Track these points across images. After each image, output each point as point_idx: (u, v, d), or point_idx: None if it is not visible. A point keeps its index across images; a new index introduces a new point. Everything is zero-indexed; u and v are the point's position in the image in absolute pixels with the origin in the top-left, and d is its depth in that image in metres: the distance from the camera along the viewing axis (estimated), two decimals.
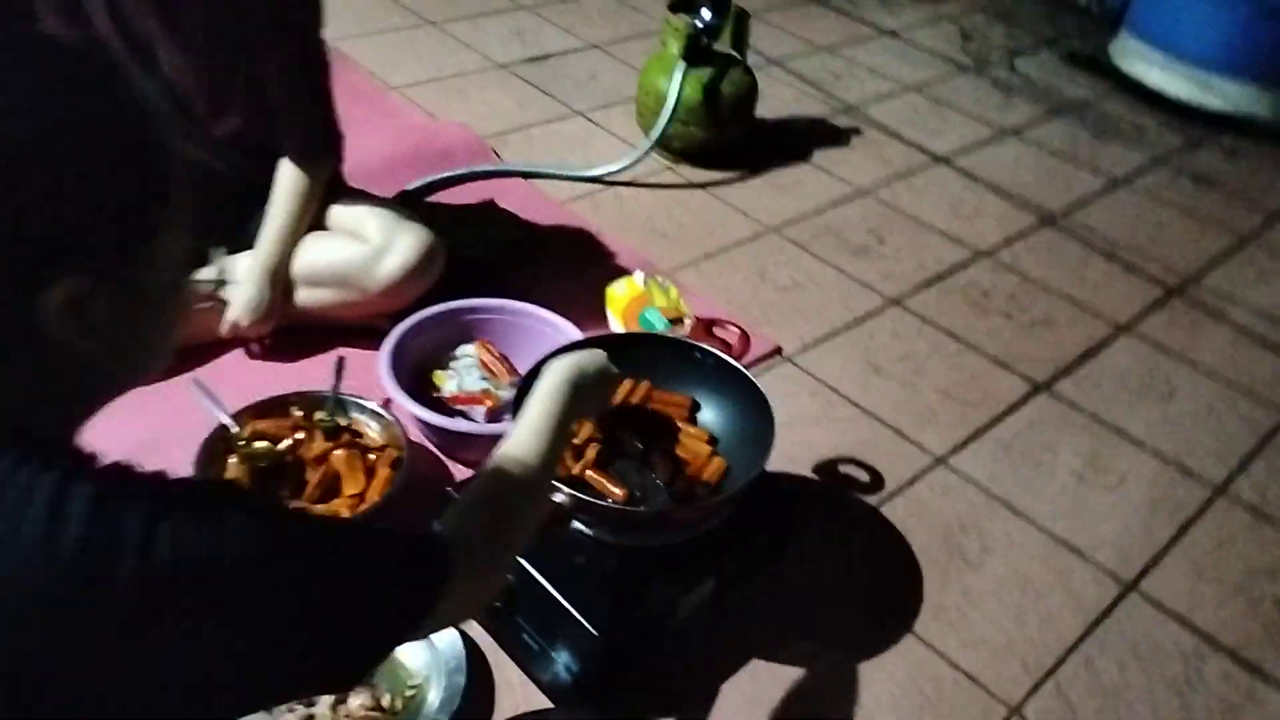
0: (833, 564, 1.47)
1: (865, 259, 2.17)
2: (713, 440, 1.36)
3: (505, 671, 1.25)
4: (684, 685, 1.26)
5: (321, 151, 1.63)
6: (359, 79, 2.54)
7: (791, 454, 1.62)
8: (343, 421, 1.48)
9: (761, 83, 2.43)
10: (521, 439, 0.95)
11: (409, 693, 1.21)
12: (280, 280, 1.60)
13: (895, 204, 2.39)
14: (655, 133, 2.24)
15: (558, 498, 1.16)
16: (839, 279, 2.10)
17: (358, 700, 1.18)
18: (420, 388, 1.58)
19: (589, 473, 1.27)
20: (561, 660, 1.19)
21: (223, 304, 1.58)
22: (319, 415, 1.48)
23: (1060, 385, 1.88)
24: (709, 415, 1.40)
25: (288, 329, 1.67)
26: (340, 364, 1.55)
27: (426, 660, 1.24)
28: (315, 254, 1.62)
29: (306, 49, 1.58)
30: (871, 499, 1.58)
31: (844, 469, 1.63)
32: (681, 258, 2.07)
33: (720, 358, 1.37)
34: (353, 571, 0.73)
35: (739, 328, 1.62)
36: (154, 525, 0.62)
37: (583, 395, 1.04)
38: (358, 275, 1.60)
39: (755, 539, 1.39)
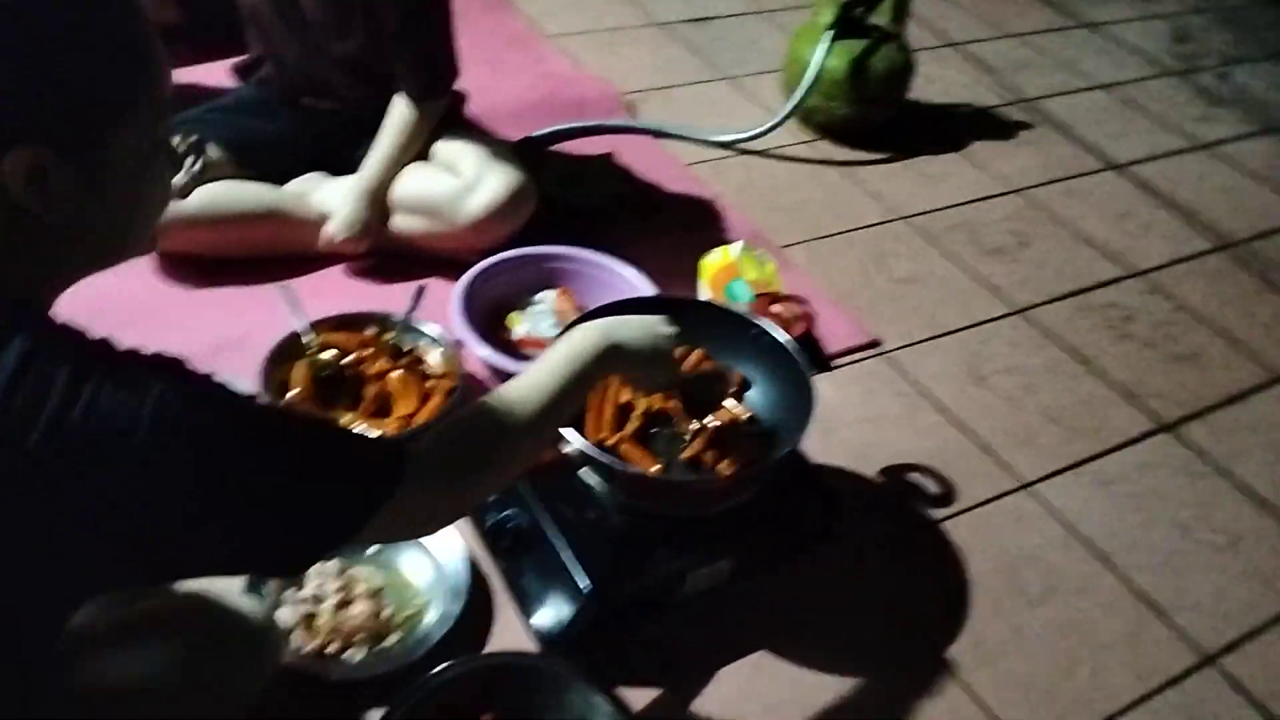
0: (873, 571, 1.37)
1: (999, 261, 2.01)
2: (754, 420, 1.30)
3: (507, 610, 1.24)
4: (680, 661, 1.22)
5: (429, 86, 1.66)
6: (516, 26, 2.57)
7: (860, 451, 1.53)
8: (407, 345, 1.51)
9: (932, 65, 2.29)
10: (525, 382, 0.93)
11: (410, 610, 1.23)
12: (378, 203, 1.65)
13: (1049, 208, 2.19)
14: (790, 103, 2.15)
15: (567, 447, 1.13)
16: (963, 278, 1.95)
17: (360, 608, 1.20)
18: (494, 326, 1.59)
19: (625, 445, 1.24)
20: (553, 610, 1.17)
21: (321, 218, 1.64)
22: (388, 336, 1.51)
23: (1189, 428, 1.68)
24: (757, 394, 1.33)
25: (385, 253, 1.72)
26: (419, 291, 1.58)
27: (432, 582, 1.25)
28: (411, 183, 1.65)
29: None
30: (935, 512, 1.47)
31: (913, 476, 1.52)
32: (796, 234, 1.99)
33: (771, 335, 1.29)
34: (290, 463, 0.73)
35: (802, 304, 1.53)
36: (79, 383, 0.63)
37: (618, 360, 1.00)
38: (447, 208, 1.62)
39: (788, 528, 1.32)
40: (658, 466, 1.22)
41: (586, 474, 1.19)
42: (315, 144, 1.72)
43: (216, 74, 1.90)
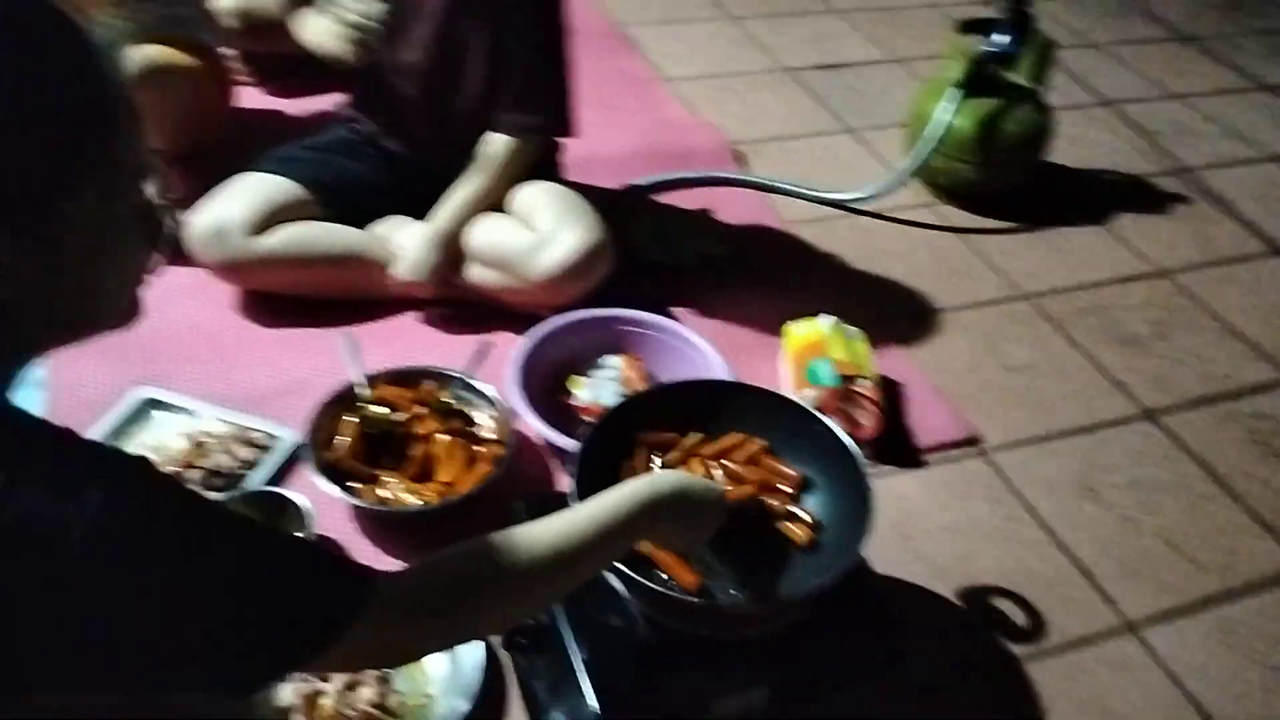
0: (939, 710, 1.21)
1: (1133, 353, 1.80)
2: (816, 527, 1.17)
3: (517, 710, 1.16)
4: None
5: (537, 124, 1.62)
6: (635, 66, 2.51)
7: (940, 565, 1.37)
8: (460, 406, 1.45)
9: (1077, 124, 2.10)
10: (553, 529, 0.84)
11: (417, 701, 1.16)
12: (448, 247, 1.61)
13: (1198, 295, 1.96)
14: (909, 163, 2.00)
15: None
16: (1086, 370, 1.75)
17: (368, 692, 1.15)
18: (555, 387, 1.51)
19: (659, 553, 1.13)
20: None
21: (385, 261, 1.62)
22: (443, 395, 1.46)
23: None
24: (817, 498, 1.20)
25: (459, 302, 1.68)
26: (483, 349, 1.52)
27: (445, 674, 1.18)
28: (485, 234, 1.61)
29: (543, 16, 1.57)
30: (1020, 647, 1.29)
31: (999, 602, 1.35)
32: (900, 307, 1.84)
33: (836, 435, 1.16)
34: (239, 577, 0.67)
35: (876, 405, 1.39)
36: (12, 487, 0.59)
37: (668, 520, 0.94)
38: (519, 263, 1.56)
39: (839, 653, 1.18)
40: (695, 578, 1.10)
41: (611, 575, 1.09)
42: (400, 188, 1.70)
43: (317, 103, 1.92)
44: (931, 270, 1.95)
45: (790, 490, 1.19)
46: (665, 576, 1.09)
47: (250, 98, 2.12)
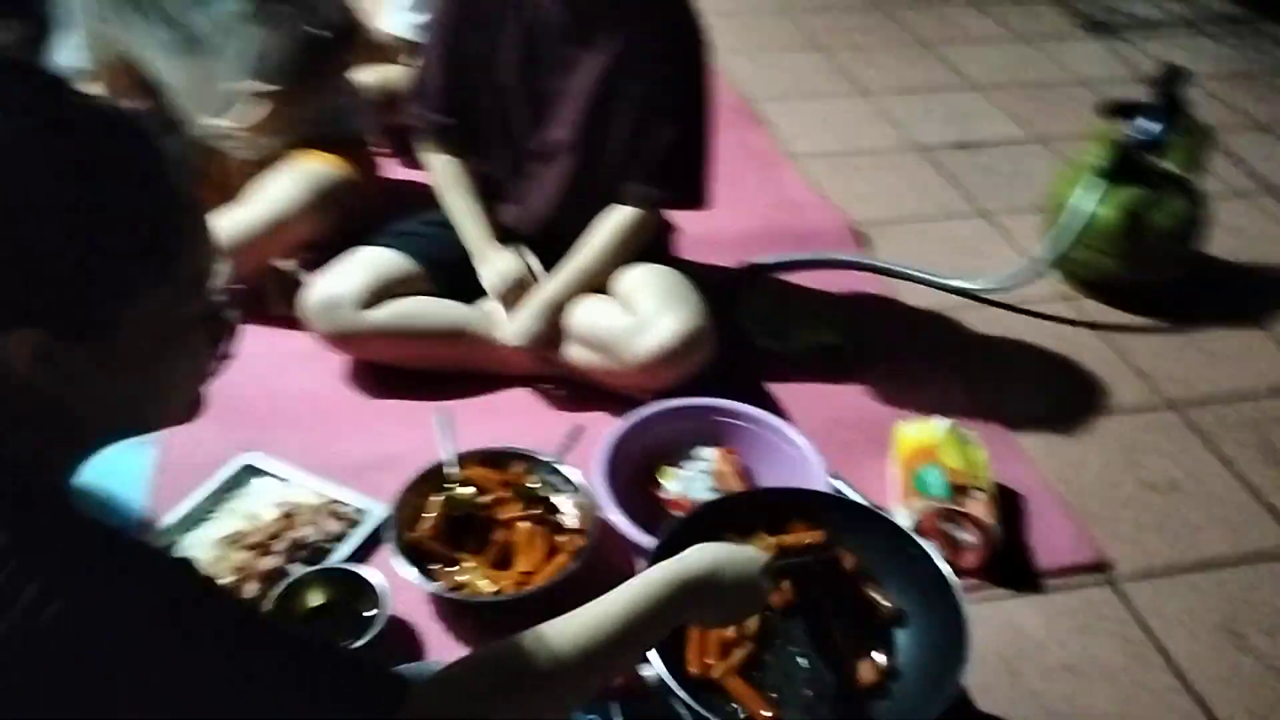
0: None
1: None
2: (890, 672, 1.07)
3: None
4: None
5: (664, 190, 1.61)
6: (760, 141, 2.48)
7: (1052, 709, 1.24)
8: (545, 493, 1.42)
9: (1238, 213, 1.93)
10: (579, 618, 0.81)
11: None
12: (555, 317, 1.60)
13: None
14: (1046, 253, 1.87)
15: (646, 671, 0.98)
16: (1239, 494, 1.57)
17: None
18: (646, 477, 1.47)
19: (730, 679, 1.06)
20: None
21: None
22: (530, 479, 1.43)
23: None
24: (909, 631, 1.10)
25: (562, 379, 1.66)
26: (575, 433, 1.49)
27: None
28: (585, 314, 1.59)
29: (693, 91, 1.57)
30: None
31: None
32: (1028, 412, 1.70)
33: (937, 567, 1.06)
34: (275, 681, 0.66)
35: (985, 532, 1.28)
36: (48, 598, 0.60)
37: (704, 602, 0.89)
38: (616, 346, 1.54)
39: None
40: (770, 713, 1.02)
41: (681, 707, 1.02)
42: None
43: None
44: (1066, 371, 1.81)
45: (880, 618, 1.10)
46: (737, 708, 1.02)
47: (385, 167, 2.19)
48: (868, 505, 1.16)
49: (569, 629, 0.80)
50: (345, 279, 1.62)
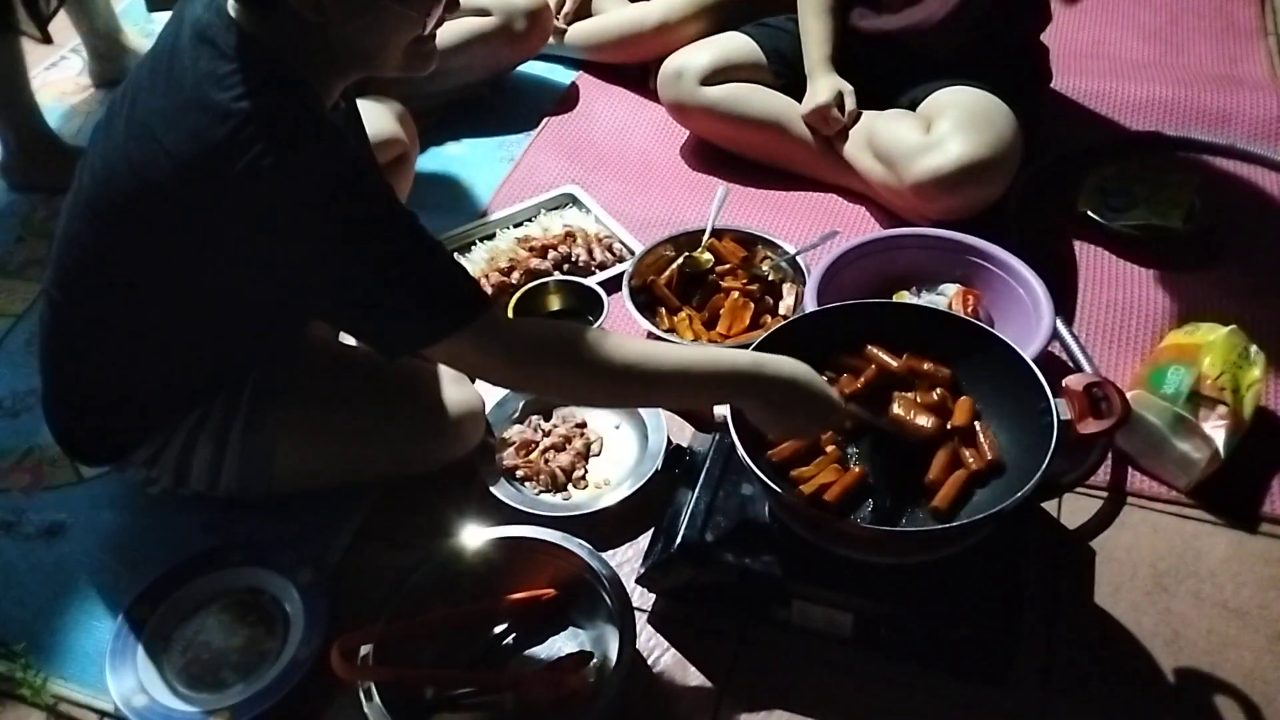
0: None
1: None
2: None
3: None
4: (750, 678, 1.10)
5: None
6: (1242, 12, 2.09)
7: (1188, 636, 1.09)
8: (776, 278, 1.51)
9: None
10: (638, 350, 0.96)
11: (599, 481, 1.31)
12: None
13: None
14: None
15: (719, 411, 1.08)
16: None
17: (564, 458, 1.31)
18: (881, 296, 1.47)
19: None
20: (658, 550, 1.14)
21: None
22: (765, 263, 1.53)
23: None
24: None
25: (845, 190, 1.70)
26: (827, 235, 1.53)
27: (628, 468, 1.31)
28: (885, 123, 1.58)
29: None
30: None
31: (1218, 698, 1.03)
32: None
33: (1061, 422, 0.99)
34: (395, 261, 0.92)
35: (1207, 445, 1.11)
36: (266, 155, 0.88)
37: (768, 400, 0.98)
38: (900, 163, 1.52)
39: (941, 637, 1.04)
40: (842, 480, 1.06)
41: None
42: (860, 68, 1.69)
43: None
44: None
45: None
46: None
47: None
48: (1012, 348, 1.08)
49: (629, 346, 0.95)
50: (696, 54, 1.76)
